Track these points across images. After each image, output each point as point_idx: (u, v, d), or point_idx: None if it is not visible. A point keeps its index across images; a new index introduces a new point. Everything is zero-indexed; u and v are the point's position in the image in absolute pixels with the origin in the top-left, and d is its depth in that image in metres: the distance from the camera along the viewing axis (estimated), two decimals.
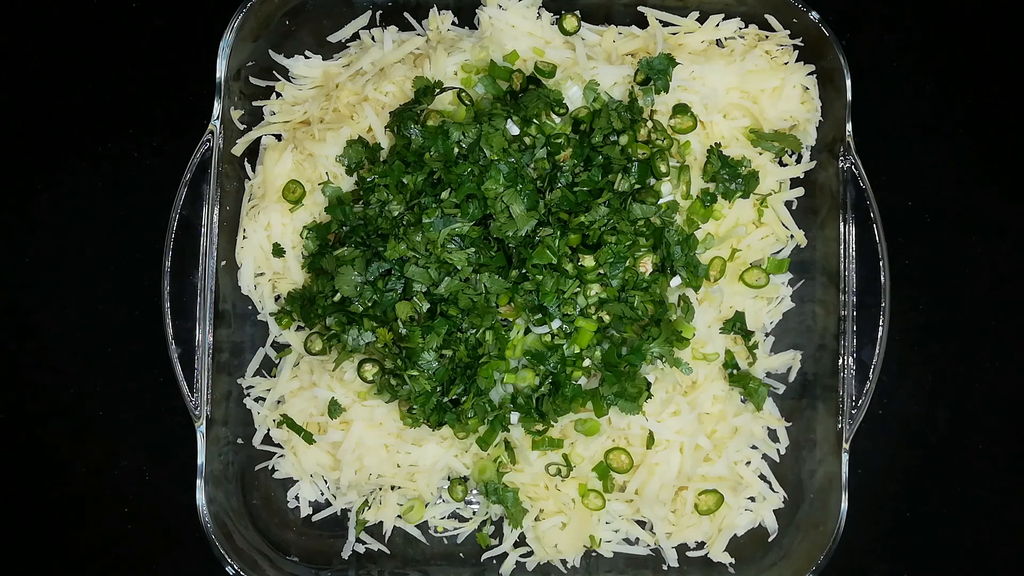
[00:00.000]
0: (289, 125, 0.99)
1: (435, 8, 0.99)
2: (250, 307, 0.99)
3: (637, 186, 0.93)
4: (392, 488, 0.96)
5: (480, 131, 0.91)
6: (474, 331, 0.90)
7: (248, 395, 0.98)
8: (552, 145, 0.92)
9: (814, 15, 0.93)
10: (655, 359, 0.92)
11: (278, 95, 1.00)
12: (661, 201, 0.93)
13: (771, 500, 0.96)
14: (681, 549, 0.96)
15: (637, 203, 0.91)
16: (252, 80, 0.99)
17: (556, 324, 0.89)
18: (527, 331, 0.91)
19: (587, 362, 0.91)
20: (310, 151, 0.96)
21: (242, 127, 0.98)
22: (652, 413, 0.93)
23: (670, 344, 0.91)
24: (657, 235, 0.92)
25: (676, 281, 0.93)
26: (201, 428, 0.92)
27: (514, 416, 0.91)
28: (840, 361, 0.92)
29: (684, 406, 0.93)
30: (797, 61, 0.97)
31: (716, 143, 0.96)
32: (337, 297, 0.92)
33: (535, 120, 0.93)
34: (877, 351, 0.91)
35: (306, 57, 1.01)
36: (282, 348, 0.99)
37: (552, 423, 0.92)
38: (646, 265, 0.91)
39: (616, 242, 0.90)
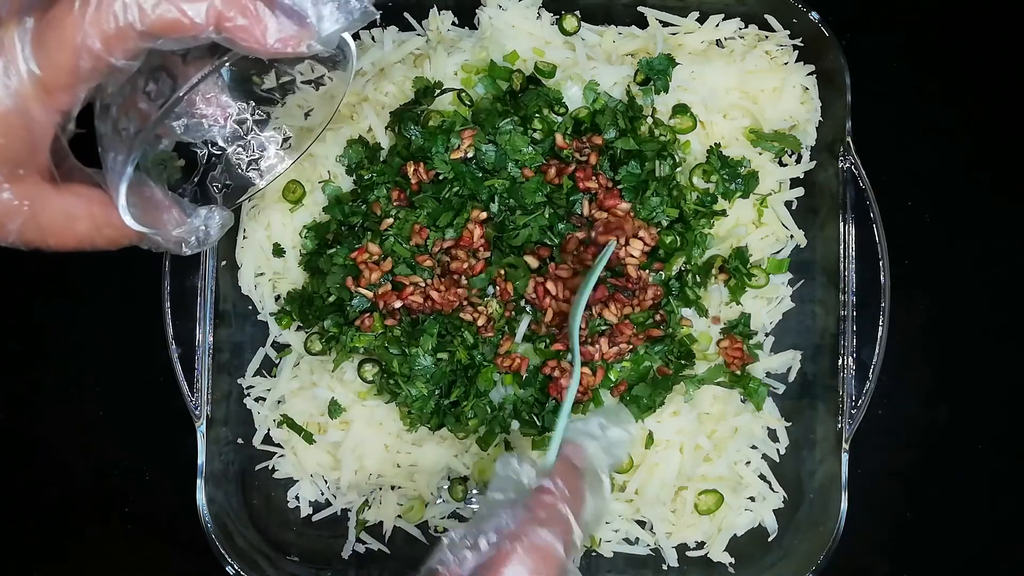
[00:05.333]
0: None
1: (435, 8, 0.99)
2: (250, 307, 0.99)
3: None
4: (392, 488, 0.96)
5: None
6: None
7: (248, 395, 0.98)
8: None
9: (814, 15, 0.93)
10: None
11: None
12: None
13: (771, 500, 0.96)
14: (681, 549, 0.96)
15: None
16: None
17: None
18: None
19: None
20: (310, 151, 0.96)
21: None
22: (652, 413, 0.92)
23: None
24: None
25: None
26: (201, 428, 0.92)
27: (515, 424, 0.91)
28: (840, 361, 0.92)
29: (684, 406, 0.93)
30: (797, 61, 0.97)
31: (716, 143, 0.95)
32: (333, 298, 0.92)
33: (535, 120, 0.92)
34: (877, 351, 0.91)
35: None
36: (282, 348, 0.99)
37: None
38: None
39: None
